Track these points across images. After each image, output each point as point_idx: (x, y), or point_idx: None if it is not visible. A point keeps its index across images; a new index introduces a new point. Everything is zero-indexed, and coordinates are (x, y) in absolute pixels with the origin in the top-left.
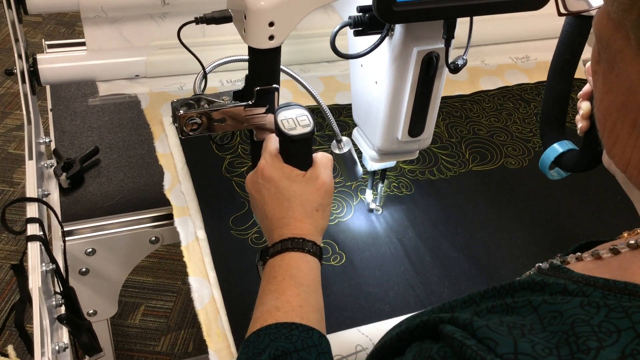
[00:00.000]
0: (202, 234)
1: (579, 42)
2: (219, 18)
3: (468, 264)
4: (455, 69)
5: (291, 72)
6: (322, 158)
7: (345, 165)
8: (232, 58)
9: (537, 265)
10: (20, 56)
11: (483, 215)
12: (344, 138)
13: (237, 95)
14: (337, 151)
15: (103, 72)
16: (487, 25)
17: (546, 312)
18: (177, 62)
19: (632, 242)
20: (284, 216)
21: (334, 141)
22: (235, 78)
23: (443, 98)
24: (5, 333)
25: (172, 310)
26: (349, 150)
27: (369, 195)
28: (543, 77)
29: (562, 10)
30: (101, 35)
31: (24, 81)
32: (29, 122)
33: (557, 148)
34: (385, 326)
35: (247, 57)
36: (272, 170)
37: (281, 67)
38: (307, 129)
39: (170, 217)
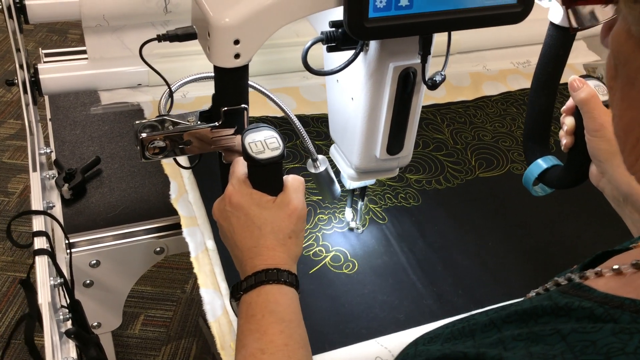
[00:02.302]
0: (211, 244)
1: (562, 55)
2: (182, 35)
3: (480, 272)
4: (433, 85)
5: (262, 89)
6: (293, 182)
7: (322, 184)
8: (199, 75)
9: (554, 279)
10: (21, 66)
11: (492, 222)
12: (320, 156)
13: (204, 116)
14: (313, 170)
15: (105, 81)
16: (487, 30)
17: (576, 342)
18: (179, 70)
19: None
20: (255, 245)
21: (310, 160)
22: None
23: (446, 104)
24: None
25: (172, 319)
26: (326, 169)
27: (348, 214)
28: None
29: (575, 25)
30: (103, 44)
31: (25, 91)
32: (32, 133)
33: (541, 164)
34: (404, 338)
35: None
36: (241, 196)
37: (251, 83)
38: (277, 152)
39: (175, 227)
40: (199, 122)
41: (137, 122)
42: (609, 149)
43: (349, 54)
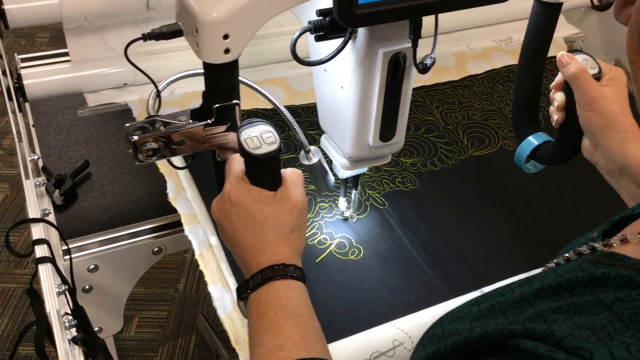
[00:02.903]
0: (215, 240)
1: (548, 31)
2: (168, 33)
3: (483, 250)
4: (424, 69)
5: (248, 82)
6: (291, 175)
7: (315, 176)
8: (186, 73)
9: (576, 249)
10: (4, 72)
11: (489, 199)
12: (312, 147)
13: (195, 114)
14: (306, 162)
15: (90, 83)
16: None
17: (623, 310)
18: (165, 67)
19: None
20: (258, 242)
21: (302, 152)
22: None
23: (434, 85)
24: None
25: (167, 319)
26: (319, 160)
27: (342, 203)
28: None
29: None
30: (85, 45)
31: (10, 98)
32: (20, 140)
33: (533, 141)
34: (418, 319)
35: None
36: (240, 194)
37: (243, 79)
38: (274, 147)
39: (171, 225)
40: (190, 121)
41: (127, 124)
42: (603, 122)
43: (336, 43)
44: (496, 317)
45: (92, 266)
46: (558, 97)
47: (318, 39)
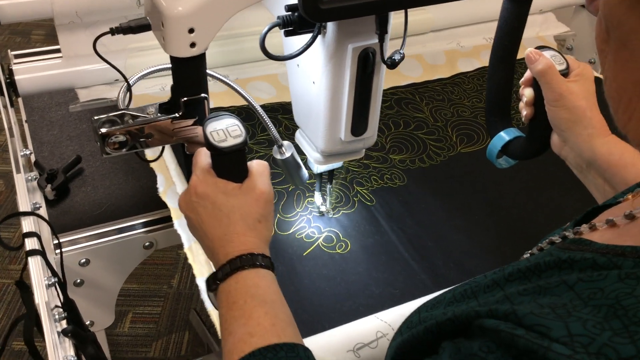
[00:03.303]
0: None
1: (517, 27)
2: (136, 27)
3: (470, 245)
4: (392, 64)
5: (221, 77)
6: (257, 166)
7: (289, 170)
8: (156, 68)
9: (549, 238)
10: None
11: (477, 195)
12: (285, 142)
13: (164, 108)
14: (279, 156)
15: (81, 78)
16: (459, 6)
17: (584, 290)
18: (156, 63)
19: None
20: (225, 233)
21: (275, 146)
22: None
23: (424, 82)
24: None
25: (160, 315)
26: (292, 155)
27: (317, 198)
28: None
29: None
30: (76, 41)
31: (1, 93)
32: (12, 135)
33: (504, 136)
34: (402, 311)
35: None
36: (206, 186)
37: (211, 72)
38: (239, 140)
39: (163, 220)
40: (159, 114)
41: (95, 117)
42: (570, 118)
43: (307, 37)
44: (468, 301)
45: (84, 260)
46: (527, 93)
47: (287, 34)
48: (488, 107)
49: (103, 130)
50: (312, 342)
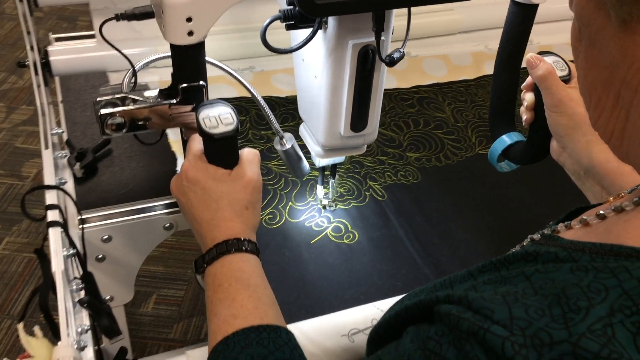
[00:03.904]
0: None
1: (523, 32)
2: (139, 14)
3: (477, 244)
4: (390, 62)
5: (220, 64)
6: (247, 154)
7: (290, 161)
8: (161, 55)
9: (529, 236)
10: (32, 48)
11: (489, 197)
12: (287, 134)
13: (164, 93)
14: (279, 147)
15: (113, 62)
16: (490, 9)
17: (538, 280)
18: None
19: (617, 205)
20: (213, 218)
21: (277, 138)
22: None
23: (448, 83)
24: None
25: (183, 298)
26: (292, 146)
27: (320, 191)
28: None
29: None
30: (110, 26)
31: (36, 73)
32: (43, 114)
33: (505, 140)
34: None
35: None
36: (197, 171)
37: (216, 62)
38: (231, 127)
39: None
40: (158, 99)
41: (97, 99)
42: (569, 124)
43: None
44: (445, 290)
45: (106, 236)
46: (528, 98)
47: (289, 27)
48: (491, 110)
49: (103, 111)
50: (308, 325)
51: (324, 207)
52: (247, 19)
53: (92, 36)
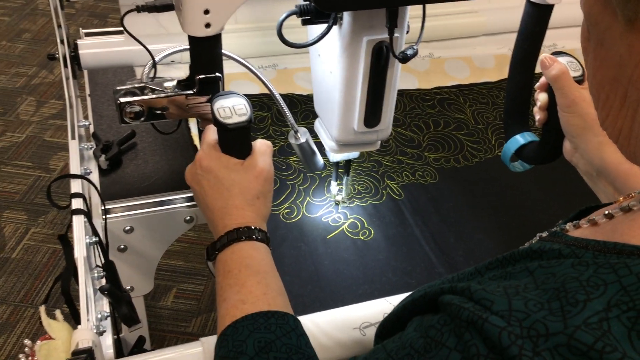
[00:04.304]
0: None
1: (538, 32)
2: (160, 6)
3: (493, 245)
4: (404, 58)
5: (245, 63)
6: (260, 145)
7: (304, 155)
8: (180, 48)
9: (537, 234)
10: (62, 41)
11: (507, 198)
12: (301, 128)
13: (182, 84)
14: (293, 141)
15: (140, 57)
16: (514, 12)
17: (540, 275)
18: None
19: (624, 205)
20: (224, 206)
21: (292, 132)
22: None
23: (470, 85)
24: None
25: (202, 293)
26: (306, 141)
27: (334, 187)
28: None
29: None
30: (139, 22)
31: (65, 65)
32: (71, 106)
33: (519, 140)
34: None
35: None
36: (210, 160)
37: (237, 57)
38: (244, 118)
39: None
40: (176, 90)
41: (117, 87)
42: (582, 124)
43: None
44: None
45: (128, 227)
46: (541, 98)
47: (305, 22)
48: (506, 110)
49: (122, 100)
50: (321, 317)
51: (337, 203)
52: (270, 17)
53: (121, 32)
